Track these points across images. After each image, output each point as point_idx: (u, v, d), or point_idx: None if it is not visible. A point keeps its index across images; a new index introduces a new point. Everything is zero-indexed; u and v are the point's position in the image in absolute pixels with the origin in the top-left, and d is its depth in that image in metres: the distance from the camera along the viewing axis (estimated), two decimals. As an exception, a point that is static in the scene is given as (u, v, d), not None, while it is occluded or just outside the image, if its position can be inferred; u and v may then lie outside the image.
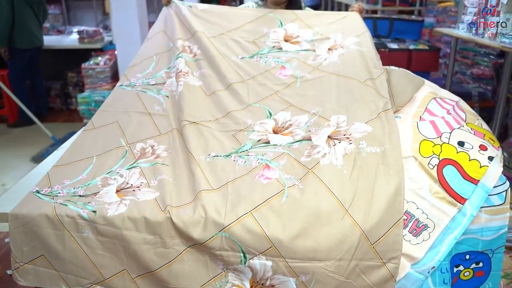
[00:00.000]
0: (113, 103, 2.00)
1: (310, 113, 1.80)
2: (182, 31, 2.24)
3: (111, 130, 1.84)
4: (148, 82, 2.06)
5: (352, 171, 1.51)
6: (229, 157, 1.66)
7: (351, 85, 1.88)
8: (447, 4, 4.74)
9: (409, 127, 1.65)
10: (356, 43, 2.09)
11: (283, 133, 1.75)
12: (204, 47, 2.13)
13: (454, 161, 1.48)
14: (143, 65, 2.17)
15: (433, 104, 1.73)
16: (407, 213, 1.41)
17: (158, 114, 1.90)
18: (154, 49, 2.23)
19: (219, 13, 2.33)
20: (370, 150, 1.57)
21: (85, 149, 1.75)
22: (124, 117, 1.90)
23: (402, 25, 3.96)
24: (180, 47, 2.15)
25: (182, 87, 1.94)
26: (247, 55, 2.13)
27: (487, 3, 2.93)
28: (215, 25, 2.25)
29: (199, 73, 2.05)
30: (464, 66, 4.27)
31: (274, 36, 2.21)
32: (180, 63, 2.06)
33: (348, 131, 1.67)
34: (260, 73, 2.04)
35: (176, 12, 2.32)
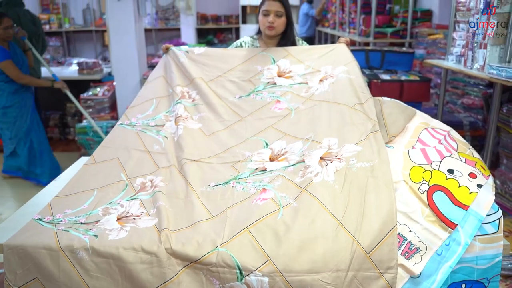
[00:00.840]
0: (113, 140, 2.05)
1: (304, 139, 1.87)
2: (181, 77, 2.33)
3: (111, 165, 1.89)
4: (148, 123, 2.13)
5: (343, 185, 1.56)
6: (228, 184, 1.72)
7: (341, 110, 1.95)
8: (437, 37, 4.85)
9: (400, 155, 1.68)
10: (345, 71, 2.16)
11: (278, 160, 1.82)
12: (203, 93, 2.22)
13: (444, 187, 1.50)
14: (143, 106, 2.24)
15: (425, 134, 1.76)
16: (400, 235, 1.43)
17: (157, 153, 1.95)
18: (154, 92, 2.31)
19: (215, 56, 2.41)
20: (360, 165, 1.63)
21: (86, 182, 1.79)
22: (124, 154, 1.95)
23: (394, 56, 4.04)
24: (179, 93, 2.23)
25: (182, 130, 2.01)
26: (244, 94, 2.21)
27: (474, 36, 3.01)
28: (212, 68, 2.34)
29: (198, 117, 2.12)
30: (454, 96, 4.33)
31: (268, 73, 2.29)
32: (179, 109, 2.14)
33: (340, 152, 1.72)
34: (257, 109, 2.11)
35: (174, 59, 2.41)
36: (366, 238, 1.40)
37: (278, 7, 2.36)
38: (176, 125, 2.06)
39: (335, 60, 2.27)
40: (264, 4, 2.39)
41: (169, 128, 2.09)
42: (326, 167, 1.66)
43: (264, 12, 2.38)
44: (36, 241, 1.45)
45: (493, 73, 2.66)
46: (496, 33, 2.76)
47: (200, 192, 1.68)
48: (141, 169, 1.85)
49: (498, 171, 3.24)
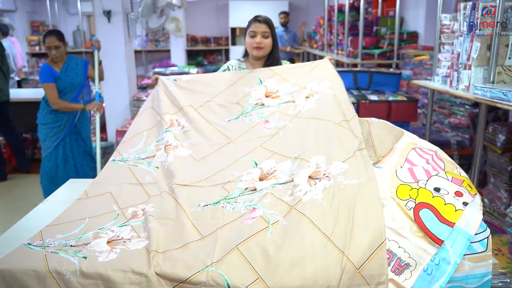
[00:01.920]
0: (106, 177, 2.09)
1: (292, 158, 1.89)
2: (170, 106, 2.36)
3: (104, 199, 1.91)
4: (139, 157, 2.16)
5: (331, 202, 1.58)
6: (218, 204, 1.74)
7: (328, 127, 1.97)
8: (423, 58, 4.95)
9: (388, 174, 1.70)
10: (330, 87, 2.20)
11: (268, 178, 1.84)
12: (192, 119, 2.25)
13: (430, 205, 1.52)
14: (134, 140, 2.27)
15: (413, 154, 1.78)
16: (389, 252, 1.44)
17: (149, 183, 1.98)
18: (144, 124, 2.34)
19: (203, 81, 2.45)
20: (348, 182, 1.66)
21: (78, 213, 1.80)
22: (116, 188, 1.97)
23: (381, 77, 4.10)
24: (168, 121, 2.26)
25: (172, 158, 2.04)
26: (233, 117, 2.24)
27: (459, 58, 3.08)
28: (200, 94, 2.37)
29: (188, 143, 2.15)
30: (441, 116, 4.40)
31: (256, 94, 2.32)
32: (169, 137, 2.16)
33: (327, 170, 1.74)
34: (246, 131, 2.14)
35: (163, 89, 2.45)
36: (356, 253, 1.40)
37: (264, 28, 2.42)
38: (166, 153, 2.09)
39: (319, 76, 2.31)
40: (250, 26, 2.45)
41: (159, 157, 2.12)
42: (314, 186, 1.68)
43: (251, 33, 2.43)
44: (24, 264, 1.43)
45: (478, 94, 2.72)
46: (479, 55, 2.83)
47: (190, 213, 1.69)
48: (133, 200, 1.87)
49: (486, 190, 3.27)
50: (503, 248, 2.67)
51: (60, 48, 3.59)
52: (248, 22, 2.50)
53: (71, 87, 3.71)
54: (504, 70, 2.77)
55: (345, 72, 4.18)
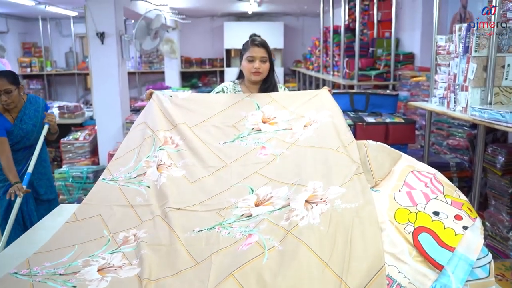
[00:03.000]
0: (96, 197, 2.05)
1: (289, 184, 1.89)
2: (164, 122, 2.34)
3: (93, 222, 1.88)
4: (130, 176, 2.13)
5: (329, 226, 1.58)
6: (213, 229, 1.73)
7: (325, 154, 1.99)
8: (419, 79, 5.00)
9: (385, 197, 1.71)
10: (329, 116, 2.23)
11: (264, 205, 1.84)
12: (187, 138, 2.23)
13: (429, 229, 1.52)
14: (125, 158, 2.24)
15: (411, 178, 1.79)
16: (389, 277, 1.42)
17: (140, 205, 1.95)
18: (135, 141, 2.31)
19: (199, 101, 2.45)
20: (345, 206, 1.66)
21: (67, 239, 1.78)
22: (106, 210, 1.94)
23: (378, 99, 4.13)
24: (162, 138, 2.24)
25: (165, 179, 2.02)
26: (229, 140, 2.23)
27: (456, 79, 3.12)
28: (196, 113, 2.36)
29: (182, 163, 2.13)
30: (440, 137, 4.42)
31: (253, 119, 2.33)
32: (162, 156, 2.14)
33: (325, 195, 1.75)
34: (242, 156, 2.13)
35: (158, 104, 2.43)
36: (354, 279, 1.39)
37: (263, 53, 2.43)
38: (159, 173, 2.07)
39: (318, 106, 2.33)
40: (248, 51, 2.45)
41: (151, 176, 2.09)
42: (311, 210, 1.68)
43: (249, 58, 2.44)
44: None
45: (475, 115, 2.74)
46: (476, 76, 2.87)
47: (184, 239, 1.68)
48: (124, 224, 1.85)
49: (487, 213, 3.27)
50: (506, 273, 2.65)
51: (11, 93, 2.94)
52: (244, 44, 2.51)
53: (29, 137, 3.14)
54: (501, 91, 2.80)
55: (342, 94, 4.21)
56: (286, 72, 11.52)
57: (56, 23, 10.54)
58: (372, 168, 1.89)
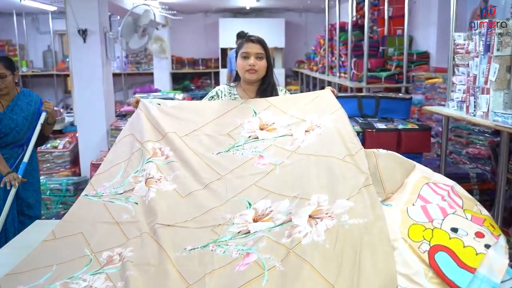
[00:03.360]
0: (77, 214, 2.05)
1: (290, 197, 1.89)
2: (152, 132, 2.34)
3: (74, 240, 1.88)
4: (116, 192, 2.13)
5: (335, 244, 1.58)
6: (207, 247, 1.72)
7: (330, 163, 1.98)
8: (435, 81, 5.02)
9: (398, 212, 1.71)
10: (332, 120, 2.22)
11: (263, 220, 1.83)
12: (177, 148, 2.23)
13: (447, 247, 1.51)
14: (110, 172, 2.24)
15: (426, 190, 1.79)
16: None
17: (127, 222, 1.95)
18: (122, 154, 2.32)
19: (190, 108, 2.46)
20: (353, 222, 1.66)
21: (44, 259, 1.77)
22: (89, 228, 1.94)
23: (389, 103, 4.14)
24: (150, 150, 2.24)
25: (154, 194, 2.02)
26: (223, 150, 2.23)
27: (476, 81, 3.12)
28: (186, 122, 2.37)
29: (173, 176, 2.13)
30: (458, 146, 4.43)
31: (249, 126, 2.33)
32: (151, 169, 2.15)
33: (330, 209, 1.75)
34: (238, 166, 2.13)
35: (145, 112, 2.43)
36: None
37: (258, 49, 2.44)
38: (148, 187, 2.07)
39: (320, 108, 2.34)
40: (242, 47, 2.47)
41: (139, 191, 2.09)
42: (315, 226, 1.68)
43: (243, 54, 2.45)
44: None
45: (498, 121, 2.74)
46: (499, 77, 2.87)
47: (174, 258, 1.67)
48: (108, 242, 1.84)
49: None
50: (533, 297, 2.64)
51: (5, 78, 3.08)
52: (239, 42, 2.53)
53: (19, 131, 3.22)
54: (526, 95, 2.81)
55: (349, 98, 4.22)
56: (288, 73, 11.56)
57: (33, 18, 10.58)
58: (383, 180, 1.89)
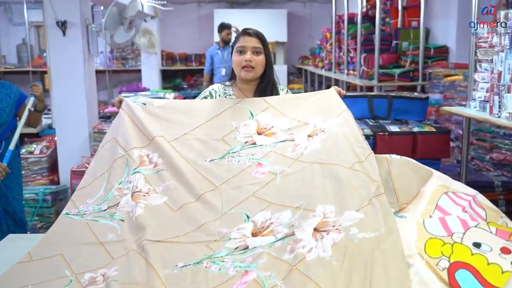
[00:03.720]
0: (57, 235, 2.04)
1: (293, 208, 1.90)
2: (138, 137, 2.33)
3: (53, 262, 1.87)
4: (100, 208, 2.12)
5: (343, 260, 1.58)
6: (200, 264, 1.72)
7: (337, 172, 1.98)
8: (455, 78, 5.01)
9: (414, 225, 1.70)
10: (338, 124, 2.23)
11: (263, 234, 1.83)
12: (166, 155, 2.23)
13: (469, 264, 1.51)
14: (93, 187, 2.23)
15: (445, 200, 1.79)
16: None
17: (112, 241, 1.95)
18: (105, 163, 2.31)
19: (179, 109, 2.45)
20: (362, 236, 1.66)
21: (18, 280, 1.76)
22: (70, 250, 1.93)
23: (403, 103, 4.12)
24: (136, 158, 2.24)
25: (142, 210, 2.02)
26: (217, 156, 2.23)
27: (501, 78, 3.12)
28: (175, 125, 2.36)
29: (163, 187, 2.13)
30: (481, 151, 4.42)
31: (246, 130, 2.33)
32: (138, 181, 2.15)
33: (337, 221, 1.75)
34: (234, 175, 2.13)
35: (129, 114, 2.41)
36: None
37: (255, 43, 2.44)
38: (135, 202, 2.07)
39: (324, 110, 2.34)
40: (238, 41, 2.47)
41: (125, 206, 2.08)
42: (321, 240, 1.68)
43: (239, 49, 2.45)
44: None
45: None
46: (526, 74, 2.88)
47: (164, 276, 1.67)
48: (91, 264, 1.84)
49: (540, 244, 3.25)
50: None
51: None
52: (235, 36, 2.53)
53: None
54: (556, 94, 2.81)
55: (359, 98, 4.21)
56: (291, 70, 11.57)
57: (5, 8, 10.56)
58: (396, 189, 1.90)
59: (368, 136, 3.56)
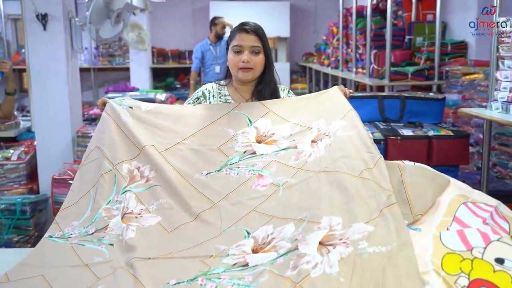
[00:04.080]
0: (38, 257, 2.03)
1: (296, 220, 1.90)
2: (126, 147, 2.32)
3: (32, 283, 1.87)
4: (86, 232, 2.12)
5: (351, 277, 1.58)
6: (195, 281, 1.73)
7: (344, 181, 1.98)
8: (475, 77, 5.02)
9: (429, 238, 1.70)
10: (343, 127, 2.22)
11: (264, 250, 1.84)
12: (158, 167, 2.22)
13: (491, 282, 1.51)
14: (78, 207, 2.22)
15: (464, 211, 1.79)
16: None
17: (99, 263, 1.95)
18: (90, 179, 2.29)
19: (170, 114, 2.43)
20: (373, 250, 1.65)
21: None
22: (52, 271, 1.93)
23: (417, 104, 4.13)
24: (126, 174, 2.23)
25: (134, 232, 2.03)
26: (214, 169, 2.23)
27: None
28: (166, 133, 2.35)
29: (156, 205, 2.14)
30: (504, 156, 4.41)
31: (244, 139, 2.33)
32: (129, 201, 2.14)
33: (345, 234, 1.75)
34: (233, 190, 2.14)
35: (114, 118, 2.39)
36: None
37: (254, 41, 2.43)
38: (125, 224, 2.07)
39: (328, 111, 2.34)
40: (235, 38, 2.45)
41: (114, 229, 2.09)
42: (327, 255, 1.68)
43: (235, 48, 2.44)
44: None
45: (551, 126, 2.74)
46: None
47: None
48: (74, 284, 1.84)
49: None
50: None
51: None
52: (231, 32, 2.52)
53: None
54: None
55: (368, 98, 4.22)
56: (293, 68, 11.60)
57: (-22, 0, 10.59)
58: (410, 199, 1.89)
59: (379, 141, 3.57)
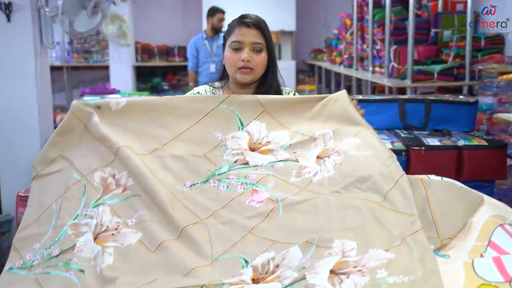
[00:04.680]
0: None
1: (302, 243, 1.90)
2: (97, 153, 2.30)
3: None
4: (49, 254, 2.09)
5: None
6: None
7: (360, 205, 1.99)
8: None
9: (459, 267, 1.70)
10: (356, 146, 2.21)
11: (266, 281, 1.82)
12: (136, 173, 2.19)
13: None
14: (39, 226, 2.20)
15: (501, 235, 1.78)
16: None
17: None
18: (53, 191, 2.27)
19: (148, 111, 2.38)
20: (393, 280, 1.65)
21: None
22: None
23: (445, 109, 4.14)
24: (98, 184, 2.22)
25: (112, 257, 2.00)
26: (199, 180, 2.21)
27: None
28: (143, 137, 2.32)
29: (136, 218, 2.12)
30: (546, 170, 4.42)
31: (234, 145, 2.31)
32: (103, 215, 2.13)
33: (361, 261, 1.75)
34: (223, 207, 2.12)
35: (82, 120, 2.35)
36: None
37: (255, 37, 2.44)
38: (101, 247, 2.04)
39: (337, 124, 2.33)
40: (233, 33, 2.46)
41: (83, 250, 2.06)
42: (339, 286, 1.68)
43: (234, 44, 2.44)
44: None
45: None
46: None
47: None
48: None
49: None
50: None
51: None
52: (229, 25, 2.52)
53: None
54: None
55: (387, 102, 4.23)
56: (300, 67, 11.66)
57: None
58: (437, 219, 1.90)
59: (400, 152, 3.57)
